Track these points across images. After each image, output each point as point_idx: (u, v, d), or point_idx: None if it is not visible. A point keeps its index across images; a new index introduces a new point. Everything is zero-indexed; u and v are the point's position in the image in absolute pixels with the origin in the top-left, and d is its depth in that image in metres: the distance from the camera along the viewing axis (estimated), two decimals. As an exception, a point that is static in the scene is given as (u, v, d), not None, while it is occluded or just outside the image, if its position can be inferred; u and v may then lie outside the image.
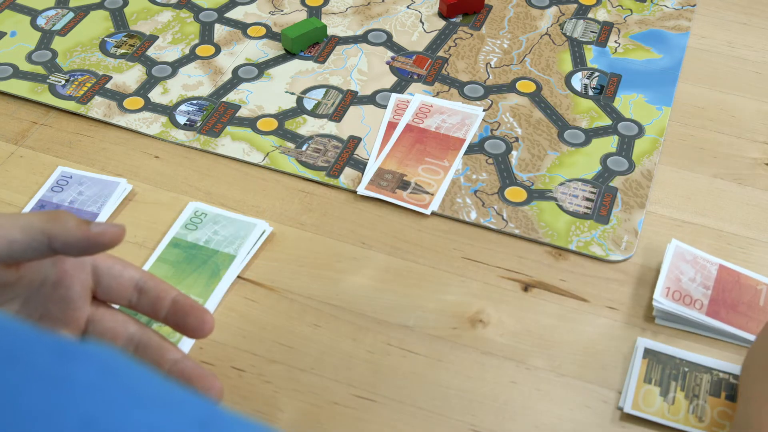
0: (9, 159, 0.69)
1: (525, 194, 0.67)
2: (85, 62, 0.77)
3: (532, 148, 0.70)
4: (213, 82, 0.75)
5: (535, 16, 0.83)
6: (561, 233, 0.64)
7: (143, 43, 0.79)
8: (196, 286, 0.59)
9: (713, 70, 0.78)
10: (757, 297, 0.60)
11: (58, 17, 0.82)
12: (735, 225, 0.65)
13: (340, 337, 0.58)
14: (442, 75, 0.76)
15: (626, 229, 0.64)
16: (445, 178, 0.67)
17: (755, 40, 0.81)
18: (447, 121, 0.72)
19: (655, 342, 0.57)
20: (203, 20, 0.82)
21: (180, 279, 0.60)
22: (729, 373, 0.56)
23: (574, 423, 0.54)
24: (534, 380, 0.56)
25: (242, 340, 0.57)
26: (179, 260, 0.61)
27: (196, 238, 0.62)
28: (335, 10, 0.83)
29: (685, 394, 0.55)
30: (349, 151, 0.69)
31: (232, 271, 0.60)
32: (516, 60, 0.78)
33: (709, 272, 0.61)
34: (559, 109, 0.73)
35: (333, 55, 0.78)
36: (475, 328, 0.58)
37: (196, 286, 0.59)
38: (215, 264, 0.61)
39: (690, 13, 0.83)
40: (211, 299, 0.59)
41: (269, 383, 0.55)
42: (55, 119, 0.73)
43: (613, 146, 0.70)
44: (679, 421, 0.53)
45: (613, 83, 0.76)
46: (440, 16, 0.83)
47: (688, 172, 0.69)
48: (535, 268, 0.62)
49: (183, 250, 0.61)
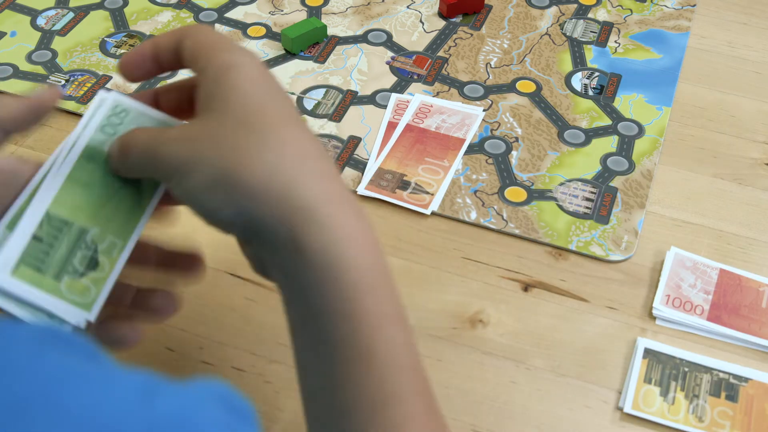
0: (9, 159, 0.69)
1: (525, 194, 0.67)
2: (85, 62, 0.77)
3: (532, 148, 0.70)
4: (213, 82, 0.75)
5: (535, 16, 0.83)
6: (561, 233, 0.64)
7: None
8: (113, 222, 0.45)
9: (713, 70, 0.78)
10: (759, 299, 0.60)
11: (58, 17, 0.82)
12: (735, 225, 0.65)
13: (340, 337, 0.58)
14: (442, 75, 0.76)
15: (626, 229, 0.64)
16: (445, 178, 0.67)
17: (755, 40, 0.81)
18: (447, 121, 0.72)
19: (655, 342, 0.57)
20: (203, 20, 0.82)
21: (94, 210, 0.44)
22: (729, 373, 0.56)
23: (574, 423, 0.54)
24: (534, 380, 0.56)
25: (242, 340, 0.57)
26: (93, 182, 0.45)
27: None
28: (335, 10, 0.83)
29: (685, 394, 0.55)
30: (349, 151, 0.69)
31: (155, 201, 0.46)
32: (516, 60, 0.78)
33: (710, 277, 0.61)
34: (559, 109, 0.73)
35: (333, 55, 0.78)
36: (475, 328, 0.58)
37: (113, 221, 0.45)
38: (136, 190, 0.46)
39: (690, 13, 0.83)
40: (130, 242, 0.45)
41: (269, 383, 0.55)
42: (55, 119, 0.73)
43: (613, 146, 0.70)
44: (679, 421, 0.53)
45: (613, 83, 0.76)
46: (440, 16, 0.83)
47: (688, 172, 0.69)
48: (535, 268, 0.62)
49: (98, 168, 0.45)
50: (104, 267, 0.44)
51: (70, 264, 0.44)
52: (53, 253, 0.44)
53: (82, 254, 0.44)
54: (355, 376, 0.39)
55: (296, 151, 0.40)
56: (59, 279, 0.44)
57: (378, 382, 0.39)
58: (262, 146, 0.39)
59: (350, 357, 0.39)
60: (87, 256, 0.44)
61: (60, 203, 0.44)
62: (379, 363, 0.39)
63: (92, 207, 0.44)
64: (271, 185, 0.39)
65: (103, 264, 0.44)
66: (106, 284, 0.44)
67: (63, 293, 0.44)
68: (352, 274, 0.39)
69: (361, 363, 0.39)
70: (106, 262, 0.44)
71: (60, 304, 0.43)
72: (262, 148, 0.39)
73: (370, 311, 0.39)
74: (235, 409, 0.34)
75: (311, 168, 0.40)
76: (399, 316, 0.40)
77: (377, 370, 0.39)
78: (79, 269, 0.44)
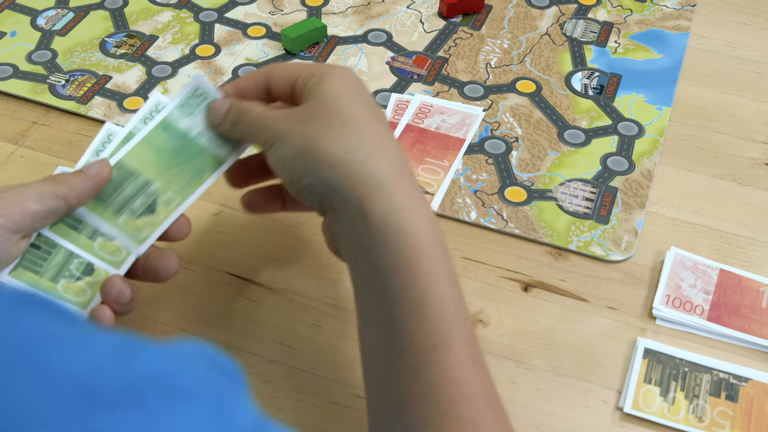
0: (9, 159, 0.69)
1: (525, 194, 0.67)
2: (85, 62, 0.77)
3: (532, 148, 0.70)
4: (213, 82, 0.75)
5: (535, 16, 0.83)
6: (561, 233, 0.64)
7: (143, 43, 0.79)
8: (175, 182, 0.54)
9: (713, 70, 0.78)
10: (759, 299, 0.60)
11: (58, 17, 0.82)
12: (735, 225, 0.65)
13: (340, 337, 0.58)
14: (442, 75, 0.76)
15: (626, 229, 0.64)
16: (445, 178, 0.67)
17: (755, 40, 0.81)
18: (447, 121, 0.72)
19: (655, 342, 0.57)
20: (203, 20, 0.82)
21: (162, 169, 0.54)
22: (729, 373, 0.56)
23: (574, 423, 0.54)
24: (534, 380, 0.56)
25: (242, 340, 0.57)
26: (165, 147, 0.54)
27: (189, 127, 0.54)
28: (335, 10, 0.83)
29: (685, 394, 0.55)
30: (349, 151, 0.69)
31: (215, 177, 0.55)
32: (516, 60, 0.78)
33: (710, 277, 0.61)
34: (559, 109, 0.73)
35: (333, 55, 0.78)
36: (475, 328, 0.58)
37: (176, 182, 0.54)
38: (201, 164, 0.55)
39: (690, 13, 0.83)
40: (187, 201, 0.54)
41: (269, 383, 0.55)
42: (55, 119, 0.73)
43: (613, 146, 0.70)
44: (679, 421, 0.53)
45: (613, 83, 0.76)
46: (440, 16, 0.83)
47: (688, 172, 0.69)
48: (535, 268, 0.62)
49: (172, 137, 0.54)
50: (160, 214, 0.53)
51: (131, 204, 0.53)
52: (51, 259, 0.51)
53: (142, 201, 0.53)
54: (408, 325, 0.44)
55: (373, 139, 0.48)
56: (56, 282, 0.51)
57: (428, 330, 0.44)
58: (346, 129, 0.48)
59: (405, 309, 0.45)
60: (146, 203, 0.53)
61: (133, 156, 0.53)
62: (430, 314, 0.44)
63: (160, 166, 0.53)
64: (348, 160, 0.47)
65: (160, 212, 0.53)
66: (158, 229, 0.53)
67: (59, 294, 0.51)
68: (409, 237, 0.45)
69: (414, 313, 0.44)
70: (162, 210, 0.53)
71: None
72: (345, 131, 0.48)
73: (424, 270, 0.45)
74: (220, 367, 0.34)
75: (383, 153, 0.48)
76: (450, 277, 0.46)
77: (428, 320, 0.44)
78: (75, 274, 0.51)
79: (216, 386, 0.32)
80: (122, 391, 0.30)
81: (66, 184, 0.50)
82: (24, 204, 0.48)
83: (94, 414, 0.29)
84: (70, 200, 0.50)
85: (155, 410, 0.29)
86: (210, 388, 0.32)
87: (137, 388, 0.30)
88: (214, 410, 0.31)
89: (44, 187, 0.49)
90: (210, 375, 0.32)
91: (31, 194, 0.49)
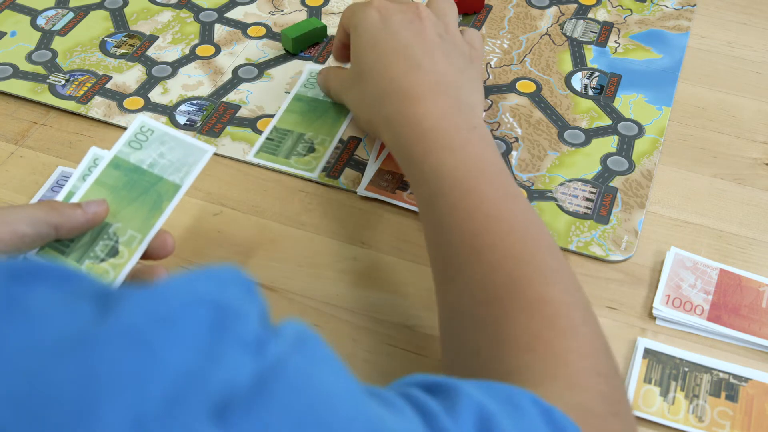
0: (9, 159, 0.69)
1: (525, 194, 0.66)
2: (85, 62, 0.77)
3: (532, 148, 0.70)
4: (213, 82, 0.75)
5: (535, 16, 0.83)
6: (561, 233, 0.64)
7: (143, 43, 0.79)
8: (134, 219, 0.54)
9: (713, 70, 0.78)
10: (760, 299, 0.60)
11: (58, 17, 0.82)
12: (735, 225, 0.65)
13: (340, 337, 0.58)
14: (442, 75, 0.76)
15: (626, 229, 0.64)
16: (445, 178, 0.67)
17: (755, 40, 0.81)
18: (447, 121, 0.72)
19: (655, 342, 0.57)
20: (203, 20, 0.82)
21: (118, 208, 0.54)
22: (729, 373, 0.56)
23: (574, 423, 0.54)
24: (534, 380, 0.56)
25: (242, 340, 0.57)
26: (119, 185, 0.54)
27: (140, 160, 0.55)
28: (335, 10, 0.83)
29: (685, 394, 0.55)
30: (349, 152, 0.69)
31: (174, 203, 0.54)
32: (516, 60, 0.78)
33: (710, 277, 0.61)
34: (559, 109, 0.73)
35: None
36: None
37: (135, 218, 0.54)
38: (158, 194, 0.54)
39: (690, 13, 0.83)
40: (148, 236, 0.53)
41: (269, 383, 0.55)
42: (55, 119, 0.73)
43: (613, 146, 0.70)
44: (679, 421, 0.53)
45: (613, 83, 0.76)
46: (440, 16, 0.83)
47: (688, 172, 0.69)
48: (535, 268, 0.62)
49: (124, 173, 0.55)
50: (123, 255, 0.53)
51: (92, 250, 0.53)
52: (76, 241, 0.53)
53: (104, 243, 0.53)
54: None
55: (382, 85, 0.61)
56: (81, 262, 0.52)
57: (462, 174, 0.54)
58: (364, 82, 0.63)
59: (438, 187, 0.54)
60: (109, 245, 0.53)
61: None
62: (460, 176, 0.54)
63: (116, 206, 0.54)
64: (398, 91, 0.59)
65: (123, 252, 0.53)
66: (124, 269, 0.53)
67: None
68: (432, 133, 0.56)
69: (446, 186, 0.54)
70: (125, 251, 0.53)
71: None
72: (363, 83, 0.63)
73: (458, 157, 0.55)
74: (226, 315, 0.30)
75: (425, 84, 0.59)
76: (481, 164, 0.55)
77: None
78: (100, 255, 0.53)
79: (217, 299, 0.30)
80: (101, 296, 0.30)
81: (61, 213, 0.50)
82: (14, 225, 0.48)
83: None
84: (60, 231, 0.51)
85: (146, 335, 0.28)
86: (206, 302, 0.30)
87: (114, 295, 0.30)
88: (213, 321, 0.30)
89: (38, 212, 0.49)
90: (207, 337, 0.29)
91: (23, 217, 0.49)
